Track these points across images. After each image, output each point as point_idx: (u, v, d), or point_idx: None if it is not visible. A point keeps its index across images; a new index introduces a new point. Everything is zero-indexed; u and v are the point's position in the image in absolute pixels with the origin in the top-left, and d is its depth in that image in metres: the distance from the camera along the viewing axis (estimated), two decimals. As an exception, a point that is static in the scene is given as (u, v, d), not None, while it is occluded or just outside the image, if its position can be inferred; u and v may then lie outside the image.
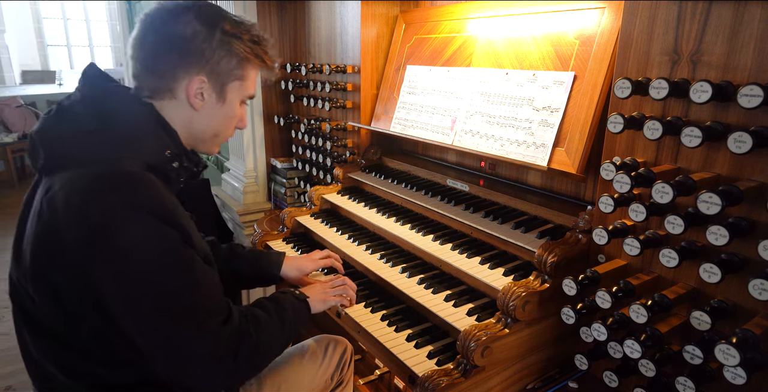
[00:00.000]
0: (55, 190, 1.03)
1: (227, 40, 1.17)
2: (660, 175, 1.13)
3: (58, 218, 1.01)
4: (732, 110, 1.08)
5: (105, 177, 1.03)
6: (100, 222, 0.99)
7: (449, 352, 1.38)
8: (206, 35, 1.14)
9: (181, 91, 1.17)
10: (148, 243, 1.02)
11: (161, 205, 1.05)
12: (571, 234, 1.43)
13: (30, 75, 10.99)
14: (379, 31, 2.30)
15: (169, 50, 1.14)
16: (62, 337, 1.11)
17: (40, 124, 1.13)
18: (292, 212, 2.25)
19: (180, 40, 1.13)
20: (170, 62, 1.15)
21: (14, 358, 2.97)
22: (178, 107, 1.19)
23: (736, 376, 0.97)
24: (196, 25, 1.14)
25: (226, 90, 1.21)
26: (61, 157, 1.08)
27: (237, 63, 1.20)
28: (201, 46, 1.14)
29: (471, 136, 1.84)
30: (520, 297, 1.30)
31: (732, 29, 1.06)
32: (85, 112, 1.11)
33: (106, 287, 1.02)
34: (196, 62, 1.15)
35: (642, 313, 1.11)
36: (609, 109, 1.30)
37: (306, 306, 1.41)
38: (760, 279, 0.96)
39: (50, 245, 1.04)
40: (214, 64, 1.17)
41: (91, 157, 1.06)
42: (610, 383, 1.25)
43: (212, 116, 1.23)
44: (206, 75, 1.17)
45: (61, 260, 1.03)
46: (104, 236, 0.99)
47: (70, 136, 1.09)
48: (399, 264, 1.74)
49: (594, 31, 1.51)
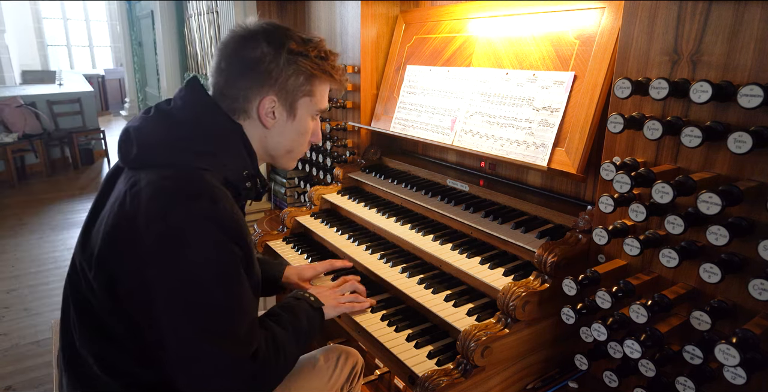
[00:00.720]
0: (141, 186, 1.08)
1: (293, 58, 1.22)
2: (660, 175, 1.13)
3: (139, 212, 1.05)
4: (732, 110, 1.08)
5: (191, 185, 1.08)
6: (178, 226, 1.03)
7: (449, 352, 1.38)
8: (273, 56, 1.20)
9: (253, 111, 1.24)
10: (213, 256, 1.05)
11: (235, 223, 1.09)
12: (571, 234, 1.43)
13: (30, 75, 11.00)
14: (379, 31, 2.30)
15: (240, 74, 1.21)
16: (106, 328, 1.13)
17: (140, 122, 1.19)
18: (292, 212, 2.25)
19: (249, 64, 1.20)
20: (242, 86, 1.21)
21: (14, 358, 2.97)
22: (253, 126, 1.26)
23: (736, 376, 0.97)
24: (264, 47, 1.20)
25: (296, 106, 1.27)
26: (153, 157, 1.14)
27: (305, 79, 1.25)
28: (269, 67, 1.20)
29: (471, 136, 1.84)
30: (520, 297, 1.30)
31: (732, 29, 1.06)
32: (186, 120, 1.18)
33: (157, 289, 1.03)
34: (265, 83, 1.21)
35: (642, 313, 1.11)
36: (609, 108, 1.30)
37: (321, 315, 1.42)
38: (760, 279, 0.96)
39: (124, 235, 1.06)
40: (282, 83, 1.23)
41: (181, 162, 1.13)
42: (610, 383, 1.25)
43: (284, 133, 1.29)
44: (276, 94, 1.23)
45: (130, 252, 1.05)
46: (177, 240, 1.03)
47: (167, 140, 1.15)
48: (399, 264, 1.74)
49: (594, 31, 1.51)
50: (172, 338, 1.05)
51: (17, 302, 3.63)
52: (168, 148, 1.14)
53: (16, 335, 3.21)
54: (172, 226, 1.03)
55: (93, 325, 1.15)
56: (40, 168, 7.02)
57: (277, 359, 1.18)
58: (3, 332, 3.25)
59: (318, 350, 1.60)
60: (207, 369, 1.06)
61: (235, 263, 1.10)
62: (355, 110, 2.41)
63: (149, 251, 1.03)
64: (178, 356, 1.06)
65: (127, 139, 1.17)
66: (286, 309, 1.35)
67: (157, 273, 1.03)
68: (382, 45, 2.33)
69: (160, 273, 1.03)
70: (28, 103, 6.90)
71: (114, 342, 1.14)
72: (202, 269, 1.04)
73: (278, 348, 1.20)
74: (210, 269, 1.05)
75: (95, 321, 1.15)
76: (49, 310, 3.50)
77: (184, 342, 1.05)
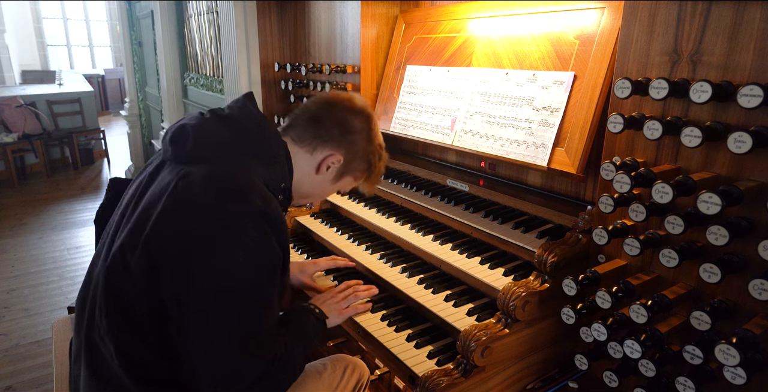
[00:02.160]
0: (193, 178, 1.13)
1: (374, 151, 1.44)
2: (660, 174, 1.13)
3: (193, 202, 1.10)
4: (732, 110, 1.08)
5: (244, 182, 1.15)
6: (231, 217, 1.08)
7: (449, 352, 1.38)
8: (367, 139, 1.40)
9: (319, 154, 1.37)
10: (258, 251, 1.09)
11: (282, 225, 1.15)
12: (571, 234, 1.43)
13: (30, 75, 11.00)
14: (379, 31, 2.30)
15: (338, 127, 1.36)
16: (132, 316, 1.15)
17: (198, 120, 1.26)
18: (292, 212, 2.25)
19: (350, 128, 1.37)
20: (332, 134, 1.36)
21: (14, 358, 2.97)
22: (306, 161, 1.37)
23: (736, 376, 0.97)
24: (365, 127, 1.40)
25: (344, 177, 1.44)
26: (208, 153, 1.20)
27: (365, 168, 1.45)
28: (360, 142, 1.39)
29: (471, 135, 1.84)
30: (520, 297, 1.30)
31: (732, 29, 1.06)
32: (242, 127, 1.26)
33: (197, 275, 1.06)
34: (346, 147, 1.37)
35: (642, 313, 1.11)
36: (609, 108, 1.30)
37: (324, 325, 1.47)
38: (760, 279, 0.96)
39: (176, 221, 1.10)
40: (354, 157, 1.40)
41: (235, 162, 1.19)
42: (610, 383, 1.25)
43: (320, 184, 1.43)
44: (344, 159, 1.38)
45: (179, 237, 1.09)
46: (228, 231, 1.07)
47: (223, 140, 1.22)
48: (399, 264, 1.74)
49: (594, 30, 1.51)
50: (198, 324, 1.07)
51: (17, 302, 3.63)
52: (224, 148, 1.21)
53: (16, 335, 3.21)
54: (225, 217, 1.07)
55: (119, 313, 1.17)
56: (40, 168, 7.01)
57: (291, 361, 1.21)
58: (3, 332, 3.25)
59: (325, 358, 1.59)
60: (226, 360, 1.07)
61: (276, 263, 1.14)
62: (355, 110, 2.40)
63: (198, 238, 1.07)
64: (201, 344, 1.08)
65: (184, 134, 1.21)
66: (293, 319, 1.39)
67: (202, 260, 1.06)
68: (382, 45, 2.33)
69: (204, 261, 1.06)
70: (28, 103, 6.90)
71: (137, 331, 1.16)
72: (246, 262, 1.07)
73: (291, 351, 1.23)
74: (252, 263, 1.09)
75: (122, 309, 1.16)
76: (49, 310, 3.50)
77: (210, 330, 1.07)
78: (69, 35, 12.67)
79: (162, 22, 4.73)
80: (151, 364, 1.17)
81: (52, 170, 7.25)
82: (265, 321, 1.13)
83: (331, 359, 1.58)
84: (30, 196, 6.18)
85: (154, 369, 1.17)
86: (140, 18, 6.02)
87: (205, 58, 4.23)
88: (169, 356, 1.15)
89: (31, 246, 4.65)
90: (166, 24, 4.75)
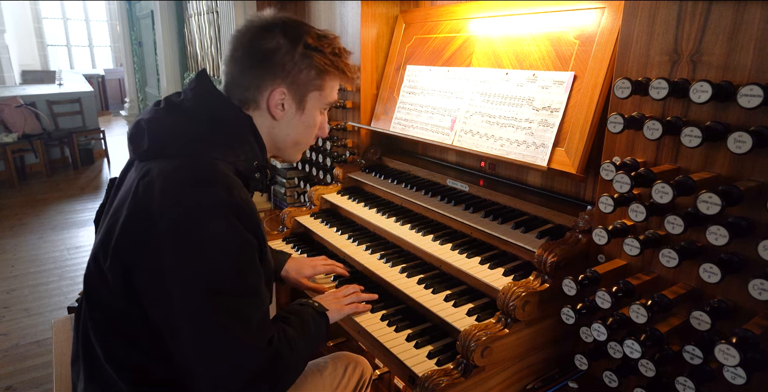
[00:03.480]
0: (153, 175, 1.08)
1: (308, 53, 1.23)
2: (660, 175, 1.13)
3: (153, 200, 1.05)
4: (732, 110, 1.08)
5: (205, 173, 1.08)
6: (192, 211, 1.03)
7: (449, 352, 1.38)
8: (288, 49, 1.21)
9: (263, 102, 1.24)
10: (227, 242, 1.05)
11: (249, 211, 1.10)
12: (571, 234, 1.43)
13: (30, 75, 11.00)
14: (379, 31, 2.30)
15: (254, 64, 1.21)
16: (115, 321, 1.13)
17: (151, 114, 1.19)
18: (292, 212, 2.25)
19: (264, 54, 1.21)
20: (255, 75, 1.22)
21: (14, 358, 2.97)
22: (261, 117, 1.26)
23: (736, 376, 0.97)
24: (280, 39, 1.21)
25: (306, 100, 1.28)
26: (165, 148, 1.13)
27: (316, 74, 1.26)
28: (283, 59, 1.21)
29: (471, 136, 1.84)
30: (520, 297, 1.30)
31: (732, 29, 1.06)
32: (198, 112, 1.19)
33: (173, 275, 1.03)
34: (278, 74, 1.22)
35: (642, 313, 1.11)
36: (609, 108, 1.30)
37: (326, 320, 1.42)
38: (760, 279, 0.96)
39: (139, 224, 1.06)
40: (294, 76, 1.23)
41: (193, 152, 1.12)
42: (610, 383, 1.25)
43: (292, 125, 1.30)
44: (287, 86, 1.24)
45: (145, 240, 1.05)
46: (191, 226, 1.03)
47: (179, 131, 1.15)
48: (399, 264, 1.74)
49: (594, 30, 1.51)
50: (187, 324, 1.04)
51: (17, 302, 3.63)
52: (181, 139, 1.14)
53: (16, 335, 3.21)
54: (187, 212, 1.03)
55: (103, 319, 1.15)
56: (40, 168, 7.01)
57: (291, 355, 1.17)
58: (3, 332, 3.25)
59: (326, 356, 1.59)
60: (221, 355, 1.05)
61: (250, 250, 1.10)
62: (355, 110, 2.41)
63: (164, 237, 1.03)
64: (193, 343, 1.05)
65: (139, 131, 1.17)
66: (293, 313, 1.35)
67: (173, 259, 1.03)
68: (382, 45, 2.33)
69: (175, 259, 1.03)
70: (28, 103, 6.90)
71: (122, 336, 1.14)
72: (217, 254, 1.04)
73: (290, 344, 1.19)
74: (225, 255, 1.05)
75: (106, 315, 1.15)
76: (49, 310, 3.50)
77: (199, 328, 1.04)
78: (69, 35, 12.66)
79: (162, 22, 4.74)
80: (145, 367, 1.15)
81: (52, 170, 7.25)
82: (252, 309, 1.09)
83: (332, 357, 1.58)
84: (30, 195, 6.18)
85: (150, 371, 1.15)
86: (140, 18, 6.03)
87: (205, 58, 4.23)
88: (164, 357, 1.13)
89: (31, 246, 4.65)
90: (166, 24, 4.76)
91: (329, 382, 1.51)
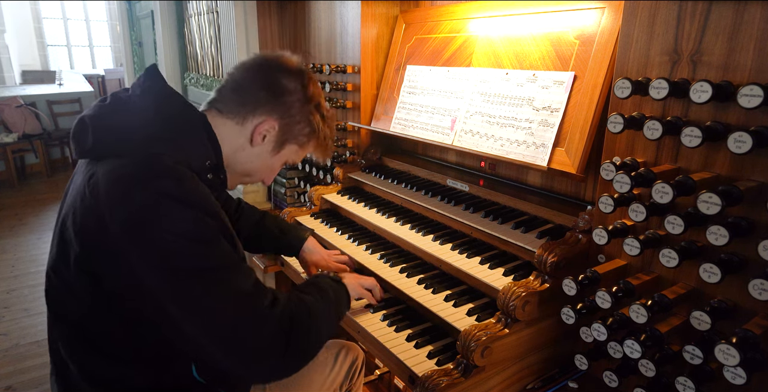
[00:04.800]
0: (98, 177, 1.05)
1: (314, 112, 1.30)
2: (660, 175, 1.13)
3: (100, 203, 1.02)
4: (732, 110, 1.08)
5: (148, 168, 1.04)
6: (141, 207, 1.00)
7: (449, 352, 1.38)
8: (302, 98, 1.27)
9: (250, 123, 1.25)
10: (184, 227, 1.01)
11: (202, 198, 1.07)
12: (571, 234, 1.43)
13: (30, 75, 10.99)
14: (379, 31, 2.30)
15: (266, 88, 1.24)
16: (87, 332, 1.12)
17: (95, 110, 1.15)
18: (292, 212, 2.25)
19: (280, 89, 1.25)
20: (260, 98, 1.24)
21: (14, 358, 2.97)
22: (238, 133, 1.26)
23: (736, 376, 0.97)
24: (299, 87, 1.27)
25: (285, 146, 1.32)
26: (110, 146, 1.10)
27: (308, 133, 1.32)
28: (293, 103, 1.26)
29: (471, 136, 1.84)
30: (520, 297, 1.30)
31: (732, 29, 1.06)
32: (144, 108, 1.15)
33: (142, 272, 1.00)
34: (279, 111, 1.26)
35: (642, 313, 1.11)
36: (609, 108, 1.30)
37: (344, 288, 1.40)
38: (760, 279, 0.96)
39: (92, 229, 1.04)
40: (291, 121, 1.28)
41: (139, 150, 1.08)
42: (610, 383, 1.25)
43: (259, 158, 1.30)
44: (279, 125, 1.27)
45: (103, 245, 1.03)
46: (144, 221, 1.00)
47: (124, 128, 1.11)
48: (399, 264, 1.74)
49: (594, 31, 1.51)
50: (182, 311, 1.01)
51: (17, 302, 3.63)
52: (125, 135, 1.10)
53: (16, 335, 3.21)
54: (135, 209, 1.00)
55: (75, 335, 1.13)
56: (40, 168, 7.01)
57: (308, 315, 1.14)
58: (3, 332, 3.25)
59: None
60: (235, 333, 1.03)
61: (211, 230, 1.06)
62: (355, 110, 2.41)
63: (120, 238, 1.00)
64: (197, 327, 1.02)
65: (83, 129, 1.12)
66: (309, 284, 1.33)
67: (136, 256, 1.00)
68: (382, 45, 2.33)
69: (138, 256, 1.00)
70: (28, 103, 6.90)
71: (98, 349, 1.12)
72: (178, 241, 1.00)
73: (306, 306, 1.16)
74: (186, 238, 1.01)
75: (78, 330, 1.13)
76: (49, 310, 3.50)
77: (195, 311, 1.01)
78: (69, 35, 12.65)
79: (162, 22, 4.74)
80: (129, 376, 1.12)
81: (52, 170, 7.25)
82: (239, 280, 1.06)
83: None
84: (30, 195, 6.18)
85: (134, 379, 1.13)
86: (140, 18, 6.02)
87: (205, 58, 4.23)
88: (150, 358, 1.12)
89: (31, 246, 4.64)
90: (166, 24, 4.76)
91: (321, 369, 1.50)
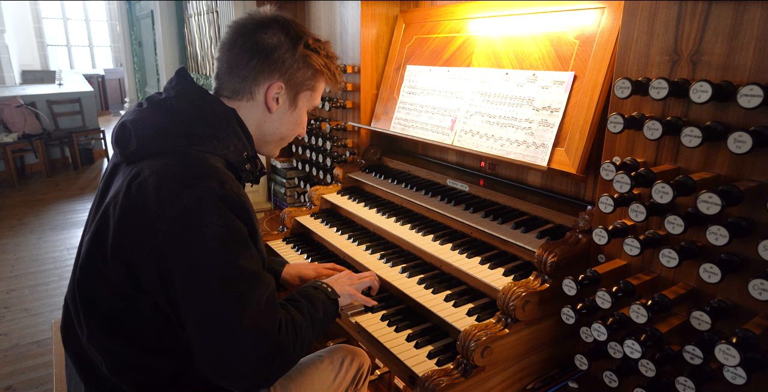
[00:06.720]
0: (146, 175, 1.09)
1: (307, 53, 1.29)
2: (660, 175, 1.13)
3: (149, 199, 1.06)
4: (732, 110, 1.08)
5: (197, 168, 1.10)
6: (191, 206, 1.05)
7: (449, 352, 1.38)
8: (289, 47, 1.26)
9: (259, 94, 1.27)
10: (225, 232, 1.06)
11: (242, 203, 1.12)
12: (571, 234, 1.43)
13: (30, 75, 11.00)
14: (379, 31, 2.30)
15: (254, 56, 1.24)
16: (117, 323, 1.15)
17: (135, 115, 1.19)
18: (292, 212, 2.25)
19: (265, 48, 1.24)
20: (254, 67, 1.24)
21: (14, 358, 2.97)
22: (254, 108, 1.29)
23: (736, 376, 0.97)
24: (281, 36, 1.25)
25: (299, 98, 1.33)
26: (153, 147, 1.14)
27: (311, 74, 1.32)
28: (284, 55, 1.25)
29: (471, 135, 1.84)
30: (520, 297, 1.30)
31: (732, 29, 1.06)
32: (182, 109, 1.20)
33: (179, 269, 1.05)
34: (277, 70, 1.26)
35: (642, 313, 1.11)
36: (609, 108, 1.30)
37: (336, 306, 1.42)
38: (760, 279, 0.96)
39: (137, 224, 1.07)
40: (292, 73, 1.28)
41: (182, 149, 1.14)
42: (610, 383, 1.25)
43: (284, 120, 1.34)
44: (284, 82, 1.28)
45: (146, 239, 1.07)
46: (192, 220, 1.05)
47: (166, 129, 1.16)
48: (399, 264, 1.74)
49: (594, 30, 1.51)
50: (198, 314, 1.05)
51: (17, 302, 3.63)
52: (168, 137, 1.15)
53: (16, 335, 3.21)
54: (186, 207, 1.05)
55: (103, 323, 1.16)
56: (40, 168, 7.01)
57: (294, 341, 1.17)
58: (3, 332, 3.25)
59: (323, 350, 1.59)
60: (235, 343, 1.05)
61: (246, 238, 1.12)
62: (355, 110, 2.41)
63: (166, 234, 1.04)
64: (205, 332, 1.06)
65: (125, 133, 1.17)
66: (305, 297, 1.34)
67: (177, 253, 1.05)
68: (382, 45, 2.33)
69: (179, 253, 1.05)
70: (28, 103, 6.90)
71: (124, 336, 1.15)
72: (219, 245, 1.05)
73: (296, 330, 1.19)
74: (225, 244, 1.06)
75: (105, 318, 1.15)
76: (49, 310, 3.50)
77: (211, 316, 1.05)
78: (69, 35, 12.66)
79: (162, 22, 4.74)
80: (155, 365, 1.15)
81: (52, 170, 7.24)
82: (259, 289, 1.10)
83: (328, 351, 1.57)
84: (30, 195, 6.18)
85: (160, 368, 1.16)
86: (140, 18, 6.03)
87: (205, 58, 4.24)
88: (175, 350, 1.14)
89: (31, 246, 4.64)
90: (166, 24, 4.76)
91: (326, 375, 1.50)
